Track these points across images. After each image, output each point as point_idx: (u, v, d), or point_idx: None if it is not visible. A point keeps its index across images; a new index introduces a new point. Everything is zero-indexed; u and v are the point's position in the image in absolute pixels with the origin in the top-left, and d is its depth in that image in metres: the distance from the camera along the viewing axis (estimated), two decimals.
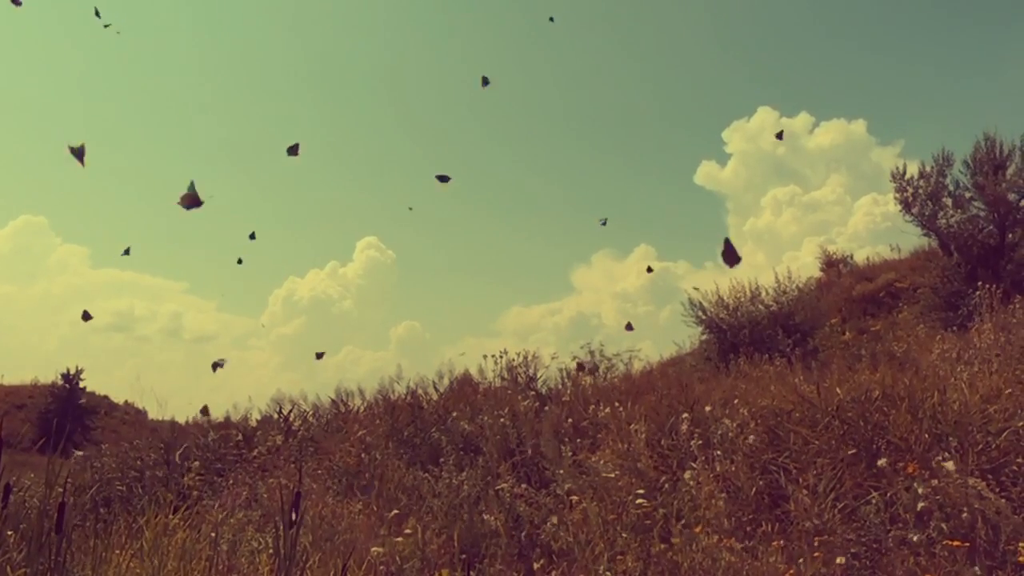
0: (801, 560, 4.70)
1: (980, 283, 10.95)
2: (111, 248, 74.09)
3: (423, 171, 78.35)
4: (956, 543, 4.41)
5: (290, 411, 12.53)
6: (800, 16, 68.21)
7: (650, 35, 75.06)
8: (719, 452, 6.16)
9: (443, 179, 7.05)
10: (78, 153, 5.65)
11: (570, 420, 8.18)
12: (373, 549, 5.74)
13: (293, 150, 6.72)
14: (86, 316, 8.96)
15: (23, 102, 72.75)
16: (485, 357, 11.73)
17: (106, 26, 8.20)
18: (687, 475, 5.84)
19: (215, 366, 8.40)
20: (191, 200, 5.17)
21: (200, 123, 77.03)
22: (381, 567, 5.66)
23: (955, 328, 11.49)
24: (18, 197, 69.88)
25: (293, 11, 71.95)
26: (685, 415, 6.82)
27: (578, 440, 7.54)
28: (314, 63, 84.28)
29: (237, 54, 77.45)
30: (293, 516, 3.71)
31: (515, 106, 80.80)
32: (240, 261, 8.24)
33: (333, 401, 12.78)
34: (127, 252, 8.44)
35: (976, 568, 4.29)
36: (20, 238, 62.44)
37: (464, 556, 5.87)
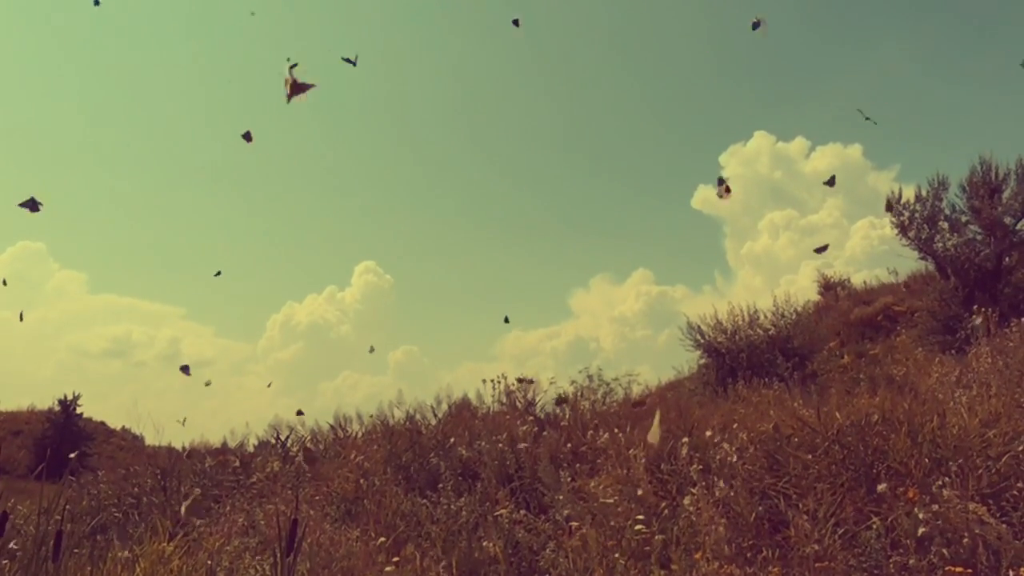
0: None
1: (977, 306, 10.98)
2: (109, 274, 73.84)
3: (421, 195, 78.83)
4: (957, 569, 4.39)
5: (287, 437, 12.49)
6: (797, 40, 69.00)
7: (647, 59, 75.91)
8: (718, 478, 6.13)
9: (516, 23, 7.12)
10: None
11: (569, 445, 8.14)
12: None
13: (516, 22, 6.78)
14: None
15: (21, 125, 73.17)
16: (484, 382, 11.69)
17: (96, 3, 8.21)
18: (686, 500, 5.81)
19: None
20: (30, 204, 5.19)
21: (199, 147, 77.42)
22: None
23: (953, 352, 11.48)
24: (16, 223, 70.11)
25: (292, 35, 72.73)
26: (684, 440, 6.80)
27: (577, 465, 7.51)
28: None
29: (236, 77, 78.12)
30: (291, 543, 3.70)
31: (513, 130, 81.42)
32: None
33: (331, 426, 12.74)
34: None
35: None
36: (18, 264, 62.32)
37: None
